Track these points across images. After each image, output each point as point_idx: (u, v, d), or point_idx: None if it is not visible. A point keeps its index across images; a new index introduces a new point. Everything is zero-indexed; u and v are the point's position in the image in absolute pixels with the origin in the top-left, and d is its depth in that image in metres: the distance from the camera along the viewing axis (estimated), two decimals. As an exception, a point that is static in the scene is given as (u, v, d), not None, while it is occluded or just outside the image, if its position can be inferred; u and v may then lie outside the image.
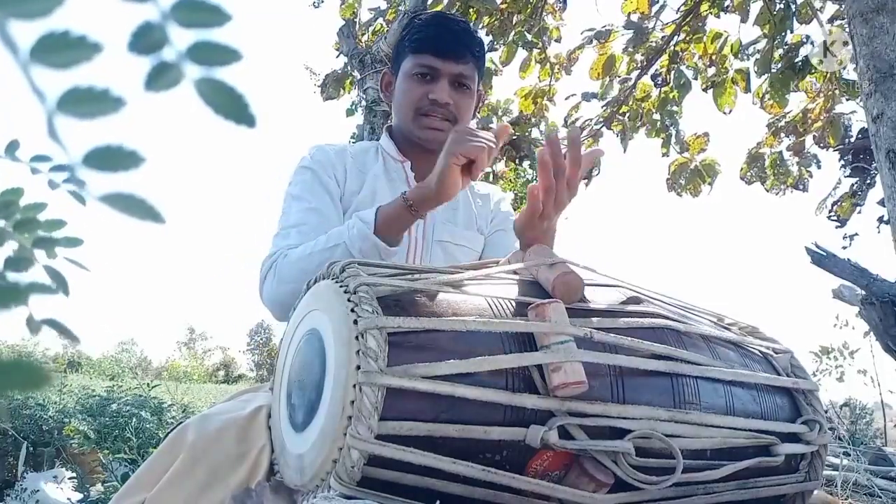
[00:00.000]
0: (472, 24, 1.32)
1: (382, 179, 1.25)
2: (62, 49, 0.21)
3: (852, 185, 3.56)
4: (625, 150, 3.87)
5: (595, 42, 3.58)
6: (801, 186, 3.72)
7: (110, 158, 0.21)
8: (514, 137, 3.77)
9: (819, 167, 3.67)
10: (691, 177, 3.72)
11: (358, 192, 1.22)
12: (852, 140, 3.49)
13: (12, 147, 0.32)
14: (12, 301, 0.21)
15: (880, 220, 3.55)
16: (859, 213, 3.63)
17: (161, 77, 0.21)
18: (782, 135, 3.66)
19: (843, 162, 3.55)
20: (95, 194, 0.22)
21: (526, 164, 4.05)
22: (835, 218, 3.63)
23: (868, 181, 3.52)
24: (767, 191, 3.75)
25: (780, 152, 3.71)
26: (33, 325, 0.30)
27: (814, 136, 3.57)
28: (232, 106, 0.21)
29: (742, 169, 3.81)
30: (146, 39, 0.21)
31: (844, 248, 3.70)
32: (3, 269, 0.29)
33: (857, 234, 3.68)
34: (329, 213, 1.16)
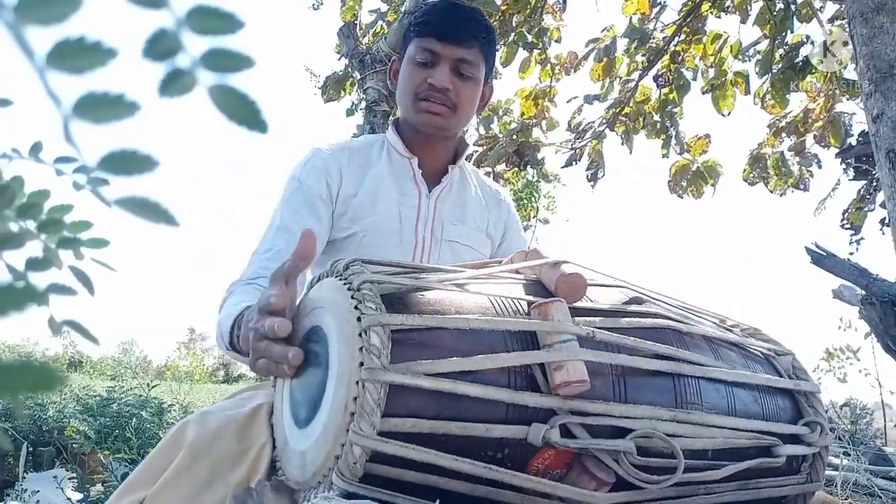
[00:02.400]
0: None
1: (386, 177, 1.22)
2: (78, 54, 0.21)
3: (860, 189, 3.54)
4: (631, 151, 3.88)
5: (604, 59, 3.59)
6: (802, 186, 3.72)
7: (125, 162, 0.22)
8: (518, 144, 3.77)
9: (820, 167, 3.67)
10: (693, 178, 3.71)
11: (355, 195, 1.19)
12: (853, 141, 3.49)
13: (36, 149, 0.32)
14: (30, 302, 0.21)
15: (882, 222, 3.53)
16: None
17: (175, 83, 0.22)
18: (783, 135, 3.66)
19: (844, 166, 3.54)
20: (111, 198, 0.22)
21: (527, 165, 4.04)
22: (848, 227, 3.59)
23: (875, 184, 3.50)
24: (771, 191, 3.74)
25: (782, 152, 3.72)
26: (54, 325, 0.30)
27: (814, 136, 3.57)
28: (244, 112, 0.22)
29: (745, 170, 3.80)
30: (161, 46, 0.21)
31: (851, 254, 3.64)
32: (24, 269, 0.29)
33: (863, 238, 3.63)
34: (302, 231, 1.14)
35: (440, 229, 1.23)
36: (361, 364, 0.62)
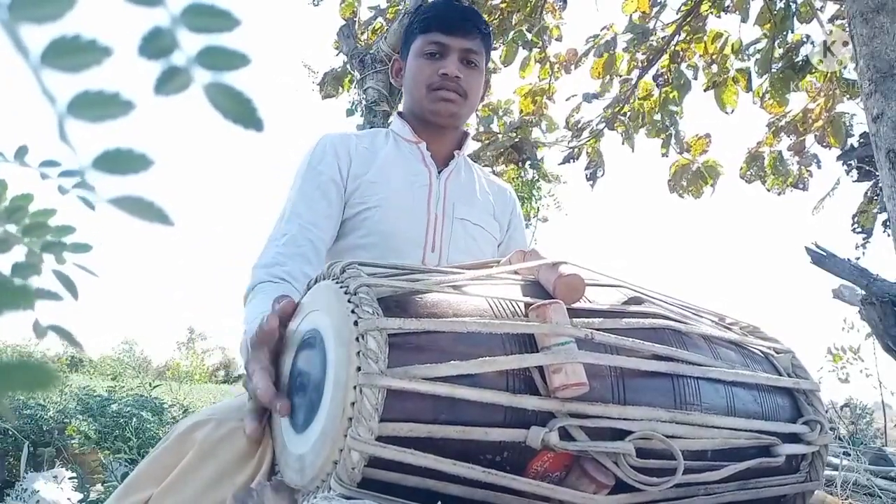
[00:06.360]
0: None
1: (395, 160, 1.26)
2: (73, 53, 0.21)
3: (866, 192, 3.51)
4: (633, 150, 3.88)
5: (604, 54, 3.60)
6: (801, 185, 3.71)
7: (120, 161, 0.22)
8: (517, 140, 3.77)
9: (819, 167, 3.66)
10: (693, 178, 3.71)
11: (365, 173, 1.23)
12: (854, 143, 3.47)
13: (21, 152, 0.32)
14: (21, 302, 0.21)
15: (885, 224, 3.51)
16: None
17: (170, 81, 0.21)
18: (782, 134, 3.66)
19: (846, 168, 3.53)
20: (105, 197, 0.22)
21: (527, 164, 4.04)
22: (859, 230, 3.55)
23: (879, 185, 3.46)
24: (768, 190, 3.75)
25: (780, 152, 3.71)
26: (39, 330, 0.30)
27: (815, 136, 3.57)
28: (240, 110, 0.22)
29: (742, 168, 3.81)
30: (156, 44, 0.21)
31: (858, 258, 3.56)
32: (10, 273, 0.29)
33: (869, 241, 3.56)
34: (313, 216, 1.18)
35: (451, 208, 1.26)
36: (358, 369, 0.62)
